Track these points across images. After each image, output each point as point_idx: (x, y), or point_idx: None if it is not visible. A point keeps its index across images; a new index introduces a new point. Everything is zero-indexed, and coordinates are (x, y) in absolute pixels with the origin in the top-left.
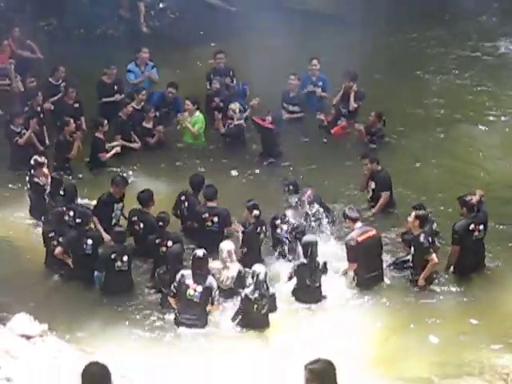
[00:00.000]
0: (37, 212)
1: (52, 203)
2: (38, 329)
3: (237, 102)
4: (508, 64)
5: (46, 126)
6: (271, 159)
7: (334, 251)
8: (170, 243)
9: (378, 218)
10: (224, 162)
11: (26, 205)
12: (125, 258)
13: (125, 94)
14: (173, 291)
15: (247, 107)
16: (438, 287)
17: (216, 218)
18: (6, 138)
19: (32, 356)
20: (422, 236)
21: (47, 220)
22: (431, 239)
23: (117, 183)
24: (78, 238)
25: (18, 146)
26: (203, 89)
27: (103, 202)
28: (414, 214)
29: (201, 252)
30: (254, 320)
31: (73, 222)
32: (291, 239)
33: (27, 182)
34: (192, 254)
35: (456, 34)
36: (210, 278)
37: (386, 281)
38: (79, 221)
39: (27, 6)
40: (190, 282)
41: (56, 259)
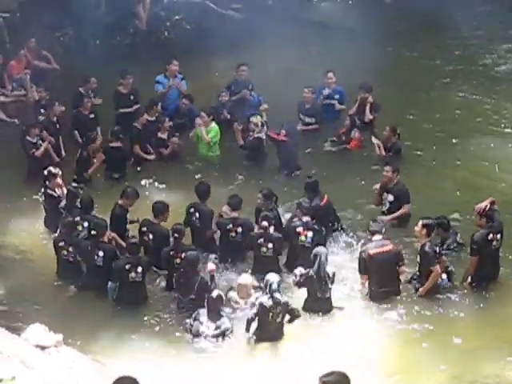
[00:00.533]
0: (52, 223)
1: (68, 216)
2: (52, 339)
3: (258, 115)
4: None
5: (62, 137)
6: (287, 171)
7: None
8: (183, 255)
9: (391, 230)
10: (241, 173)
11: (42, 216)
12: (139, 269)
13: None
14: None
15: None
16: (454, 299)
17: (240, 229)
18: (23, 149)
19: (47, 366)
20: (427, 245)
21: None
22: (439, 250)
23: (127, 195)
24: (90, 249)
25: (35, 158)
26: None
27: (117, 215)
28: (421, 222)
29: (216, 293)
30: (269, 330)
31: (86, 233)
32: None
33: (42, 193)
34: (208, 295)
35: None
36: (224, 318)
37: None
38: (94, 233)
39: (43, 17)
40: (204, 320)
41: (68, 269)
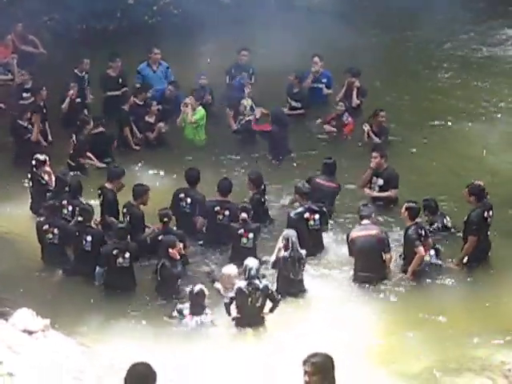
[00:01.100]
0: (38, 209)
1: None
2: (40, 324)
3: (249, 99)
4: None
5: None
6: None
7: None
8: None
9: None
10: (231, 158)
11: (28, 201)
12: (127, 254)
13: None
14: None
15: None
16: (441, 283)
17: (227, 212)
18: (13, 133)
19: (34, 351)
20: (411, 228)
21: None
22: (424, 232)
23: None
24: (78, 235)
25: (24, 142)
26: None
27: (109, 200)
28: (405, 205)
29: (197, 287)
30: (249, 315)
31: (70, 217)
32: None
33: (29, 179)
34: (189, 289)
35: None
36: (207, 312)
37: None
38: (81, 219)
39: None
40: (186, 313)
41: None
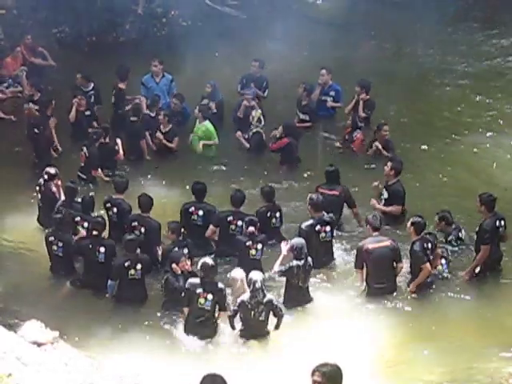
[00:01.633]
0: (46, 221)
1: (68, 211)
2: (49, 336)
3: (259, 110)
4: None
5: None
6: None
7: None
8: (185, 250)
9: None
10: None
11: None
12: (138, 266)
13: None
14: (185, 301)
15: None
16: (447, 295)
17: (240, 222)
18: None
19: (43, 363)
20: (416, 244)
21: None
22: (430, 245)
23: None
24: (91, 247)
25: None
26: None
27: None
28: (410, 220)
29: (210, 260)
30: (252, 327)
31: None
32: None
33: (38, 191)
34: (201, 262)
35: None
36: (220, 283)
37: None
38: (96, 233)
39: (40, 13)
40: (200, 291)
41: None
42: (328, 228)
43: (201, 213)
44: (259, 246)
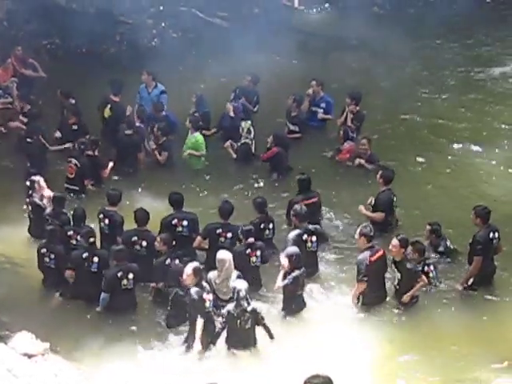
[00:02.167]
0: (36, 231)
1: (55, 221)
2: (39, 347)
3: (249, 121)
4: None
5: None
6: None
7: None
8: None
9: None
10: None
11: (27, 224)
12: (130, 275)
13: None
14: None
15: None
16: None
17: (230, 234)
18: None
19: (33, 375)
20: (408, 264)
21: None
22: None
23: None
24: (86, 257)
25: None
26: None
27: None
28: (396, 240)
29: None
30: (240, 337)
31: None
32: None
33: (27, 202)
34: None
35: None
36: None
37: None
38: (92, 240)
39: (30, 25)
40: (205, 296)
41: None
42: (314, 238)
43: (185, 223)
44: (258, 253)
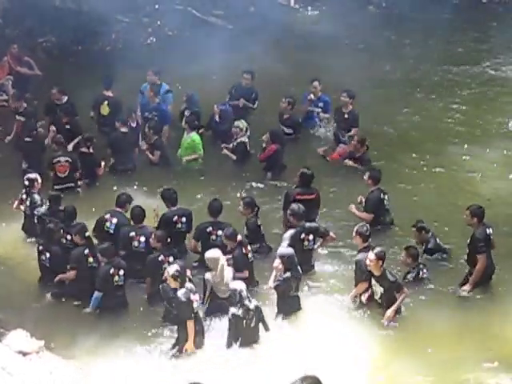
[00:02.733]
0: (32, 229)
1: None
2: (34, 345)
3: (242, 120)
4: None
5: None
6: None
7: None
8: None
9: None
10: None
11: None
12: (121, 271)
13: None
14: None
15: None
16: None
17: (220, 232)
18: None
19: (28, 372)
20: (389, 275)
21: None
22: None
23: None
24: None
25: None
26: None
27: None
28: (372, 253)
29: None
30: (245, 336)
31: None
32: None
33: (24, 199)
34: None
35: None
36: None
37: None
38: (88, 234)
39: (25, 23)
40: (192, 297)
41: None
42: (311, 237)
43: (184, 219)
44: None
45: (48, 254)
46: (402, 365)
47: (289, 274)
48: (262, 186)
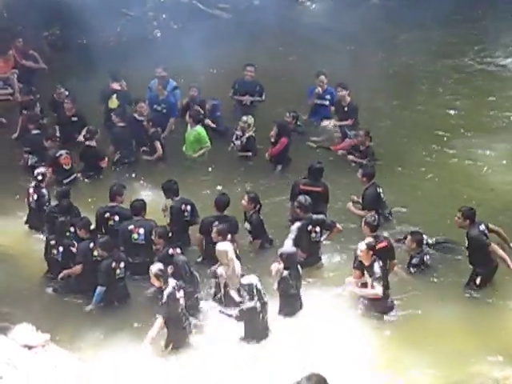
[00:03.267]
0: (37, 223)
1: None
2: (40, 339)
3: (250, 115)
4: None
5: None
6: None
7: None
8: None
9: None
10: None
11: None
12: (122, 264)
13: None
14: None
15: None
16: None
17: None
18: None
19: (33, 366)
20: (376, 265)
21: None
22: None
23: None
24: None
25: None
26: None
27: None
28: (364, 244)
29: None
30: (259, 330)
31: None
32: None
33: (32, 193)
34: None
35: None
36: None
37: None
38: (93, 226)
39: (30, 16)
40: (178, 295)
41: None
42: (318, 229)
43: (189, 208)
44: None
45: (61, 248)
46: (407, 359)
47: (286, 272)
48: (272, 179)
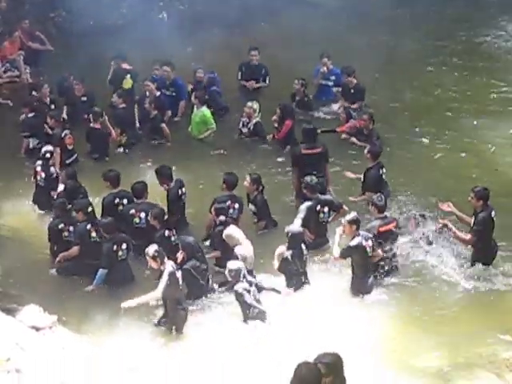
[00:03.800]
0: (42, 200)
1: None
2: (47, 320)
3: (255, 101)
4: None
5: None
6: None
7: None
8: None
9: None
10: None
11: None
12: (124, 245)
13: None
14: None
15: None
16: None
17: (237, 205)
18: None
19: (41, 347)
20: (353, 240)
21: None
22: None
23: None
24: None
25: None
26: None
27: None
28: (346, 220)
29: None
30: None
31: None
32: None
33: (39, 171)
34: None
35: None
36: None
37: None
38: (91, 209)
39: None
40: (178, 275)
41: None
42: (326, 209)
43: (184, 190)
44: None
45: (72, 228)
46: (415, 341)
47: (288, 253)
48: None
